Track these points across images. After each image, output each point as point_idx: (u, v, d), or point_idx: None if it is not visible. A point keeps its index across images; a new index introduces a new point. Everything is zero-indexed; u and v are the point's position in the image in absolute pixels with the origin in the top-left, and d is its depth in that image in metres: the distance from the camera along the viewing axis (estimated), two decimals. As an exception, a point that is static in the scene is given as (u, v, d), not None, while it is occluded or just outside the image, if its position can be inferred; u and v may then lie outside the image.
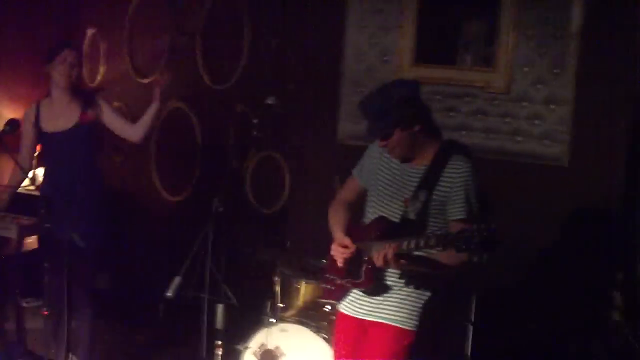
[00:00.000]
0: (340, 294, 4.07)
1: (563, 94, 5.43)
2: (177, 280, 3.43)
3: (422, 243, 3.56)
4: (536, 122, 5.50)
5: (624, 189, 5.36)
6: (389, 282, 3.90)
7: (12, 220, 4.60)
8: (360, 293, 3.97)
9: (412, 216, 3.80)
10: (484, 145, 5.63)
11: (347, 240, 3.92)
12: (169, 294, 3.40)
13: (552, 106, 5.46)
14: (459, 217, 3.77)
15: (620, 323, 5.20)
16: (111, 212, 6.85)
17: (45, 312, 4.58)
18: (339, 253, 3.94)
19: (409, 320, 3.91)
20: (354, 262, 3.92)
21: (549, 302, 5.37)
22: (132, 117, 7.02)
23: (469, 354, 4.92)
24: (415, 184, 3.85)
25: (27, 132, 5.00)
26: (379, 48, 6.00)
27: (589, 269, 5.32)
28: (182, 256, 4.85)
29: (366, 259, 3.85)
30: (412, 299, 3.93)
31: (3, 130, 4.77)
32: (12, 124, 4.76)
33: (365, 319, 3.96)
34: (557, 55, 5.44)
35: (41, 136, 4.96)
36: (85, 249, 4.46)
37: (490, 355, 5.16)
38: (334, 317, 4.72)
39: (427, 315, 3.97)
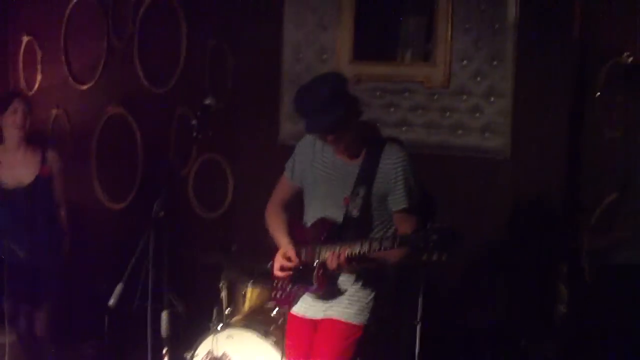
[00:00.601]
0: (291, 299, 4.04)
1: (503, 86, 5.45)
2: (119, 287, 3.36)
3: (376, 246, 3.54)
4: (477, 115, 5.51)
5: (566, 179, 5.39)
6: (339, 282, 3.88)
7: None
8: (312, 295, 3.94)
9: (354, 214, 3.79)
10: (426, 140, 5.63)
11: (291, 252, 3.90)
12: (111, 302, 3.33)
13: (492, 99, 5.48)
14: (401, 207, 3.79)
15: (566, 315, 5.23)
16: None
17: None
18: (284, 266, 3.92)
19: (357, 316, 3.93)
20: (304, 268, 3.89)
21: (495, 296, 5.39)
22: (72, 123, 6.97)
23: (416, 353, 4.89)
24: (353, 180, 3.82)
25: None
26: (317, 46, 5.97)
27: (533, 262, 5.35)
28: (126, 264, 4.79)
29: (316, 264, 3.82)
30: (361, 294, 3.94)
31: None
32: None
33: (316, 318, 3.94)
34: (495, 47, 5.46)
35: None
36: (25, 260, 4.37)
37: (438, 354, 5.16)
38: (281, 322, 4.71)
39: (376, 312, 3.99)
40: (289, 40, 6.06)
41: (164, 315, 3.66)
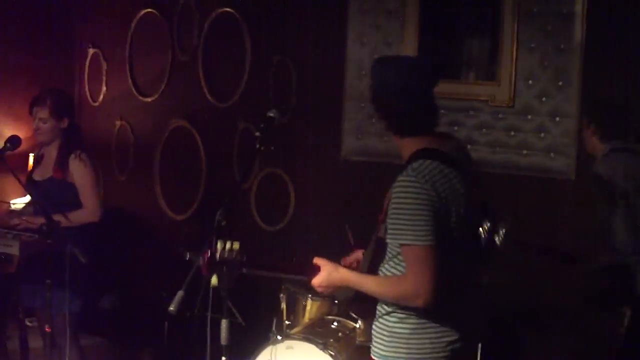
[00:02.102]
0: None
1: (568, 107, 5.39)
2: (179, 294, 3.37)
3: None
4: (541, 134, 5.46)
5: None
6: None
7: (14, 237, 4.56)
8: None
9: (382, 234, 3.29)
10: (490, 159, 5.59)
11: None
12: (172, 308, 3.35)
13: (558, 119, 5.43)
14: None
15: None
16: (114, 230, 6.89)
17: (48, 329, 4.54)
18: None
19: (381, 353, 3.26)
20: None
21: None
22: (135, 135, 7.08)
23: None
24: None
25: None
26: (382, 63, 5.96)
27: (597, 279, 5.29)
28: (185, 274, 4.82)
29: None
30: (381, 323, 3.30)
31: (4, 148, 4.75)
32: (13, 141, 4.74)
33: None
34: (560, 68, 5.41)
35: (26, 181, 4.94)
36: (87, 266, 4.43)
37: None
38: (340, 334, 4.71)
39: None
40: (352, 56, 6.08)
41: (224, 324, 3.67)
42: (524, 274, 5.17)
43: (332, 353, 4.47)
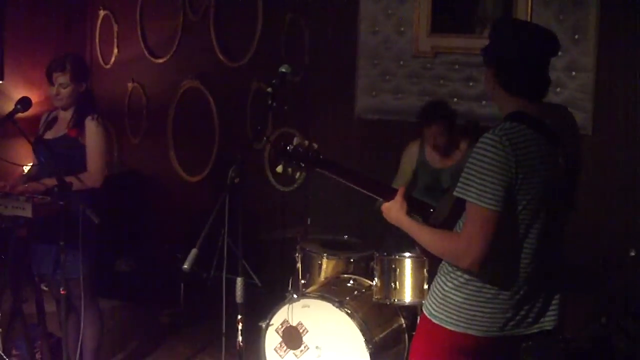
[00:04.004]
0: None
1: (584, 61, 5.34)
2: (193, 252, 3.32)
3: None
4: (558, 89, 5.39)
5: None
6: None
7: (26, 199, 4.54)
8: None
9: None
10: (505, 114, 5.53)
11: None
12: (185, 266, 3.31)
13: (574, 73, 5.37)
14: None
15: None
16: (128, 192, 6.89)
17: (63, 292, 4.53)
18: None
19: (434, 312, 3.13)
20: None
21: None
22: (147, 97, 7.05)
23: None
24: None
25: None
26: (395, 19, 5.92)
27: (616, 237, 5.25)
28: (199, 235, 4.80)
29: None
30: (437, 283, 3.19)
31: (15, 109, 4.71)
32: (24, 102, 4.70)
33: None
34: (577, 21, 5.35)
35: (35, 143, 4.90)
36: (99, 226, 4.40)
37: None
38: (356, 292, 4.69)
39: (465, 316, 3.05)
40: (365, 13, 6.02)
41: (239, 282, 3.64)
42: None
43: (348, 311, 4.46)
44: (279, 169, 3.46)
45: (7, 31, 6.45)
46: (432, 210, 3.33)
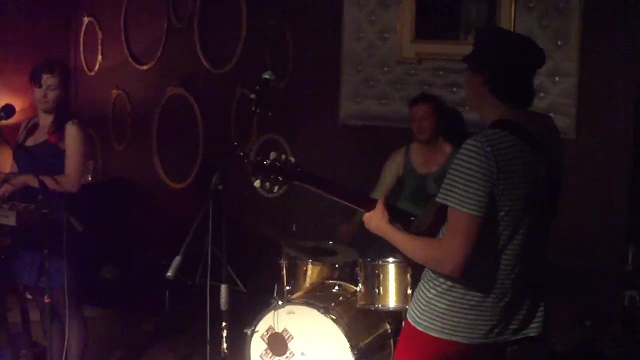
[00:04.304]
0: None
1: (567, 66, 5.38)
2: (176, 260, 3.31)
3: None
4: (541, 94, 5.42)
5: (632, 160, 5.31)
6: None
7: (10, 207, 4.52)
8: None
9: None
10: (488, 120, 5.55)
11: None
12: (169, 274, 3.29)
13: (557, 78, 5.40)
14: None
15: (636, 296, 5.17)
16: (113, 200, 6.88)
17: (47, 300, 4.51)
18: None
19: (418, 319, 3.15)
20: None
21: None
22: (132, 104, 7.04)
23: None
24: None
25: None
26: (379, 25, 5.94)
27: (600, 242, 5.27)
28: (187, 242, 4.78)
29: None
30: (420, 289, 3.21)
31: (-1, 117, 4.72)
32: (7, 110, 4.70)
33: None
34: (559, 27, 5.39)
35: (16, 149, 4.90)
36: (83, 234, 4.40)
37: None
38: (341, 298, 4.70)
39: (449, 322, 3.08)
40: (349, 19, 6.03)
41: (223, 289, 3.63)
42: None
43: (333, 317, 4.46)
44: (257, 183, 3.49)
45: (-11, 38, 6.45)
46: (412, 218, 3.35)
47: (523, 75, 3.04)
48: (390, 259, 4.58)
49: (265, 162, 3.47)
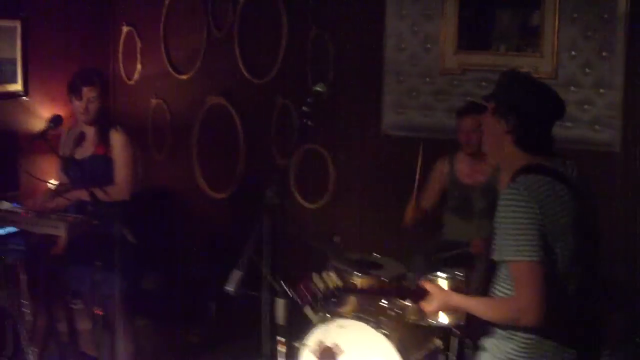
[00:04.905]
0: None
1: (612, 78, 5.35)
2: (237, 274, 3.33)
3: None
4: (586, 107, 5.41)
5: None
6: None
7: (60, 218, 4.56)
8: None
9: None
10: (532, 132, 5.54)
11: None
12: (230, 288, 3.31)
13: (602, 90, 5.38)
14: None
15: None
16: (154, 209, 6.89)
17: (100, 312, 4.55)
18: None
19: None
20: None
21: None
22: (172, 113, 7.06)
23: None
24: None
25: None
26: (421, 36, 5.94)
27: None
28: (230, 253, 4.78)
29: None
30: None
31: (47, 127, 4.77)
32: (56, 120, 4.76)
33: None
34: (604, 38, 5.35)
35: (66, 162, 4.94)
36: (135, 246, 4.43)
37: None
38: (392, 312, 4.68)
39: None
40: (391, 29, 6.04)
41: (281, 303, 3.64)
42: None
43: (385, 332, 4.45)
44: (310, 314, 3.60)
45: (31, 47, 6.47)
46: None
47: (547, 125, 3.09)
48: (442, 274, 4.56)
49: (318, 296, 3.62)
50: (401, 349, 4.41)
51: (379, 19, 6.08)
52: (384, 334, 4.45)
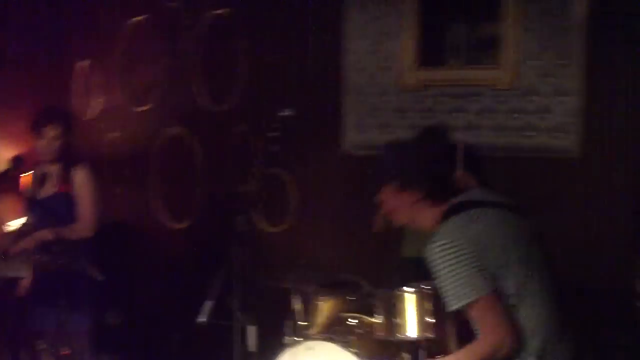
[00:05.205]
0: None
1: (571, 85, 5.38)
2: (208, 304, 3.29)
3: None
4: (546, 115, 5.41)
5: (637, 176, 5.29)
6: None
7: (24, 259, 4.48)
8: None
9: None
10: (495, 143, 5.56)
11: None
12: (202, 319, 3.26)
13: (561, 98, 5.38)
14: None
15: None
16: (113, 244, 6.78)
17: (67, 352, 4.45)
18: None
19: None
20: None
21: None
22: (130, 146, 6.96)
23: None
24: None
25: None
26: (381, 54, 5.93)
27: (607, 259, 5.22)
28: (191, 282, 4.70)
29: None
30: None
31: (9, 169, 4.70)
32: (16, 161, 4.69)
33: None
34: (562, 47, 5.39)
35: (28, 202, 4.86)
36: (99, 282, 4.35)
37: None
38: (360, 331, 4.60)
39: None
40: (350, 49, 6.02)
41: (251, 330, 3.60)
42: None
43: (355, 350, 4.37)
44: None
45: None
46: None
47: (450, 168, 3.44)
48: (408, 288, 4.51)
49: None
50: (371, 366, 4.35)
51: (338, 38, 6.06)
52: (353, 352, 4.37)
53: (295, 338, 4.59)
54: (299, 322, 4.81)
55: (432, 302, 3.70)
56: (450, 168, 3.24)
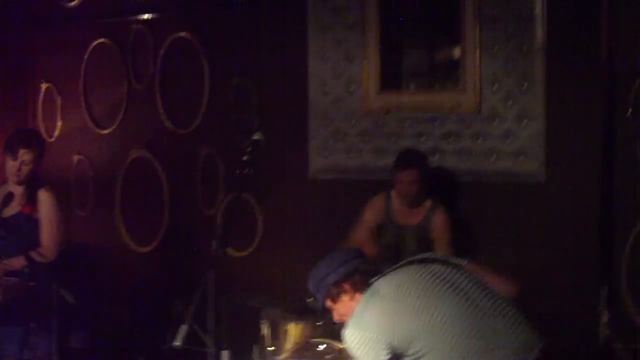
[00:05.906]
0: None
1: (534, 109, 5.38)
2: (183, 328, 3.29)
3: None
4: (509, 139, 5.43)
5: (601, 201, 5.31)
6: None
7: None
8: None
9: None
10: (458, 167, 5.57)
11: None
12: (177, 343, 3.26)
13: (525, 122, 5.41)
14: None
15: (611, 337, 5.12)
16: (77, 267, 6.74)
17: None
18: None
19: None
20: None
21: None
22: (94, 169, 6.93)
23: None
24: None
25: None
26: (344, 78, 5.93)
27: (572, 285, 5.25)
28: (157, 305, 4.66)
29: None
30: None
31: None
32: None
33: None
34: (524, 70, 5.40)
35: None
36: (67, 305, 4.34)
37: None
38: (329, 357, 4.61)
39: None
40: (314, 73, 6.02)
41: (224, 355, 3.60)
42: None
43: (323, 376, 4.38)
44: None
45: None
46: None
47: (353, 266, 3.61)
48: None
49: None
50: (340, 392, 4.35)
51: (302, 63, 6.06)
52: (323, 378, 4.38)
53: (263, 365, 4.59)
54: (267, 348, 4.81)
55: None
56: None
